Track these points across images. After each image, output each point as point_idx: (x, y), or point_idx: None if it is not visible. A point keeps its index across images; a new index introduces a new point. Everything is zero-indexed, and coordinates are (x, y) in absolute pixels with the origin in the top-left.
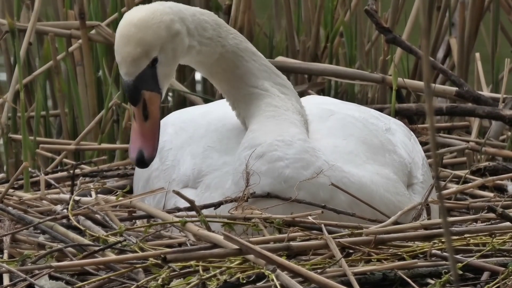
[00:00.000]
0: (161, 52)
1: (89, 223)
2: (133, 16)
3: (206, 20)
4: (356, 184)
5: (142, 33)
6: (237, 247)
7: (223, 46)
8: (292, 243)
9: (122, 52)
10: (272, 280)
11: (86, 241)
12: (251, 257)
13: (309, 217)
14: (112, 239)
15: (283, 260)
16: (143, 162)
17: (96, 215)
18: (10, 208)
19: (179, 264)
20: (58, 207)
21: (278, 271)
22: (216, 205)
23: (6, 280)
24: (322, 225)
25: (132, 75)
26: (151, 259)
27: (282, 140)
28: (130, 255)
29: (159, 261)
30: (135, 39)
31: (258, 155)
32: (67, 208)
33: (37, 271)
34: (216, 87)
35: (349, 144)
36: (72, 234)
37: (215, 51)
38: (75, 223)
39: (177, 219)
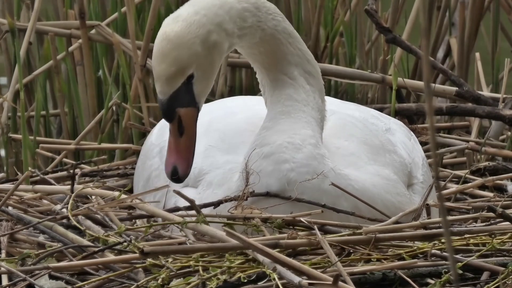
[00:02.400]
0: (197, 68)
1: (88, 223)
2: (170, 30)
3: (245, 8)
4: (359, 190)
5: (177, 51)
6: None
7: (263, 30)
8: (281, 240)
9: (157, 70)
10: (274, 279)
11: (85, 241)
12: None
13: (302, 218)
14: (112, 239)
15: (283, 257)
16: (177, 177)
17: (96, 215)
18: (10, 208)
19: (178, 264)
20: (58, 207)
21: (280, 267)
22: (216, 204)
23: (5, 280)
24: (315, 226)
25: (166, 94)
26: (149, 259)
27: (291, 142)
28: (129, 255)
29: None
30: (170, 58)
31: (266, 155)
32: (67, 207)
33: (36, 271)
34: (251, 64)
35: (350, 145)
36: (71, 235)
37: (254, 36)
38: (75, 223)
39: (178, 219)
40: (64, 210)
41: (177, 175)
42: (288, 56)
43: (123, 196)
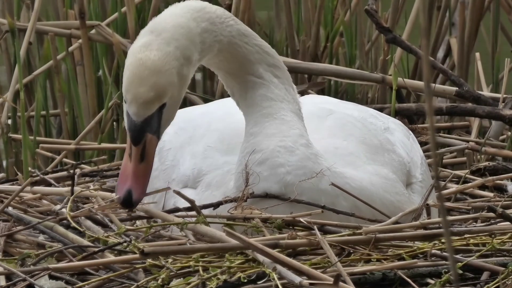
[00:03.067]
0: (170, 98)
1: (89, 223)
2: (145, 57)
3: (203, 29)
4: (357, 189)
5: (156, 77)
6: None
7: (220, 42)
8: (281, 241)
9: (135, 93)
10: (274, 279)
11: (85, 242)
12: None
13: (302, 218)
14: (111, 240)
15: (283, 257)
16: (130, 203)
17: (96, 216)
18: (10, 208)
19: (178, 264)
20: (58, 207)
21: (280, 267)
22: (215, 206)
23: (3, 281)
24: (315, 226)
25: (141, 117)
26: (149, 260)
27: (284, 146)
28: (129, 256)
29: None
30: (150, 83)
31: (260, 161)
32: (66, 208)
33: (36, 272)
34: (216, 73)
35: (349, 145)
36: (72, 235)
37: (213, 50)
38: (74, 224)
39: (177, 219)
40: (64, 210)
41: (130, 200)
42: (249, 56)
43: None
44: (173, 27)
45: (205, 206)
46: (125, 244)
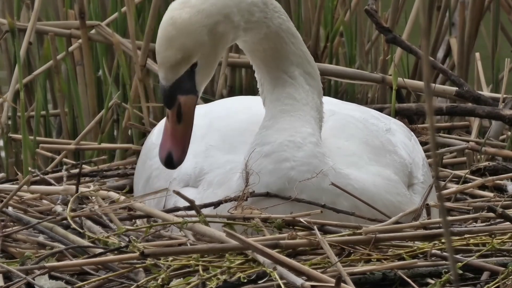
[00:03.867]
0: (201, 57)
1: (89, 223)
2: (177, 16)
3: (254, 2)
4: (359, 190)
5: (184, 38)
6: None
7: (268, 27)
8: (281, 241)
9: (162, 56)
10: (275, 278)
11: (86, 242)
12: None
13: (302, 218)
14: (112, 240)
15: (283, 257)
16: (171, 163)
17: (95, 216)
18: (10, 208)
19: (178, 264)
20: (58, 208)
21: (281, 268)
22: (216, 205)
23: (4, 280)
24: (315, 226)
25: (169, 81)
26: (149, 259)
27: (292, 141)
28: (128, 255)
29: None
30: (177, 44)
31: (266, 154)
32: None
33: (35, 271)
34: (250, 62)
35: (351, 146)
36: (72, 236)
37: (260, 31)
38: (74, 226)
39: (178, 219)
40: (64, 212)
41: (171, 161)
42: (290, 56)
43: (123, 197)
44: None
45: (205, 205)
46: (124, 244)
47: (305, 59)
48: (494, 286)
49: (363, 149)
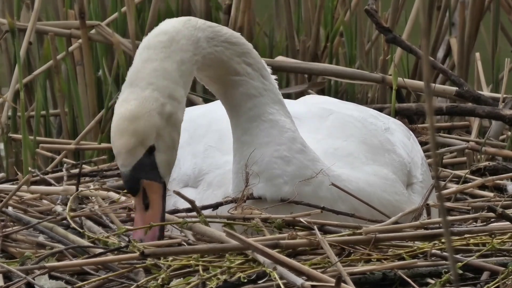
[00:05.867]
0: (158, 139)
1: (89, 223)
2: (125, 110)
3: (183, 59)
4: (354, 191)
5: (135, 125)
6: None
7: (196, 62)
8: (281, 241)
9: (117, 146)
10: (275, 278)
11: (86, 242)
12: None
13: (302, 218)
14: (111, 241)
15: (283, 257)
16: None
17: (95, 216)
18: (10, 208)
19: (178, 263)
20: (58, 208)
21: (278, 266)
22: (215, 207)
23: (4, 280)
24: (315, 226)
25: (128, 166)
26: (149, 259)
27: (279, 156)
28: (128, 255)
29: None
30: (129, 131)
31: (257, 173)
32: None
33: (35, 271)
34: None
35: (349, 146)
36: (72, 236)
37: (193, 72)
38: (74, 225)
39: (177, 219)
40: (64, 212)
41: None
42: (222, 57)
43: (123, 198)
44: (148, 74)
45: (204, 207)
46: (124, 245)
47: (231, 46)
48: (494, 286)
49: (361, 149)
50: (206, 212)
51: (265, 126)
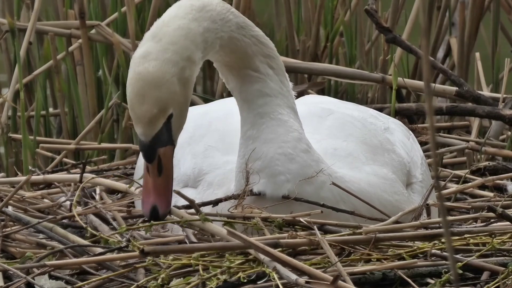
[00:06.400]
0: (175, 106)
1: (92, 217)
2: (144, 70)
3: (205, 28)
4: (356, 192)
5: (157, 92)
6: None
7: (221, 38)
8: (281, 240)
9: (138, 112)
10: (274, 279)
11: (86, 242)
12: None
13: (302, 218)
14: (112, 240)
15: (285, 256)
16: (157, 217)
17: (100, 213)
18: (10, 208)
19: (178, 262)
20: (62, 199)
21: (278, 265)
22: (214, 203)
23: (4, 280)
24: (315, 226)
25: (149, 136)
26: (149, 258)
27: (283, 153)
28: (128, 254)
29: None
30: (152, 99)
31: (259, 169)
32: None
33: (35, 270)
34: (218, 72)
35: (349, 146)
36: (72, 236)
37: (215, 47)
38: (78, 219)
39: (177, 219)
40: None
41: (157, 214)
42: (247, 49)
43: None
44: (173, 30)
45: (204, 204)
46: (124, 244)
47: (259, 43)
48: (494, 286)
49: (361, 149)
50: (206, 211)
51: (272, 123)
